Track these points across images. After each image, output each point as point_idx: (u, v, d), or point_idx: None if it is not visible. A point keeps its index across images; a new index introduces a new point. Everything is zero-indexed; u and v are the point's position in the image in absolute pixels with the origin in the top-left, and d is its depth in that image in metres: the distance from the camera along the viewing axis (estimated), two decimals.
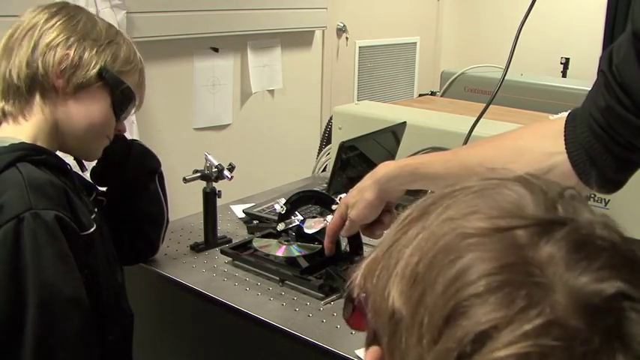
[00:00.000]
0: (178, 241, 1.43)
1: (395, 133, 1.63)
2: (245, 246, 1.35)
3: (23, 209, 0.89)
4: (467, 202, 0.45)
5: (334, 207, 1.20)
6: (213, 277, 1.27)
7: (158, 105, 2.32)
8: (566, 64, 3.17)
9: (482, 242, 0.41)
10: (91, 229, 1.00)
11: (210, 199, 1.37)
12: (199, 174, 1.35)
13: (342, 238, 1.21)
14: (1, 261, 0.87)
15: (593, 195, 1.38)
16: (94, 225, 1.02)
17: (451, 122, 1.71)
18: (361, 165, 1.54)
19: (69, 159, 1.10)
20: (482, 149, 0.97)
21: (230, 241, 1.41)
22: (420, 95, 3.21)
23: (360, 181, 1.07)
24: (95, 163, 1.22)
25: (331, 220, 1.14)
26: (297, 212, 1.28)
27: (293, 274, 1.22)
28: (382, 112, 1.83)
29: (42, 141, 1.02)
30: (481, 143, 0.99)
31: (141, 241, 1.27)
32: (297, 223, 1.26)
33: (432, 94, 2.95)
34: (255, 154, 2.72)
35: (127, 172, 1.23)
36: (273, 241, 1.30)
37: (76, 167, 1.14)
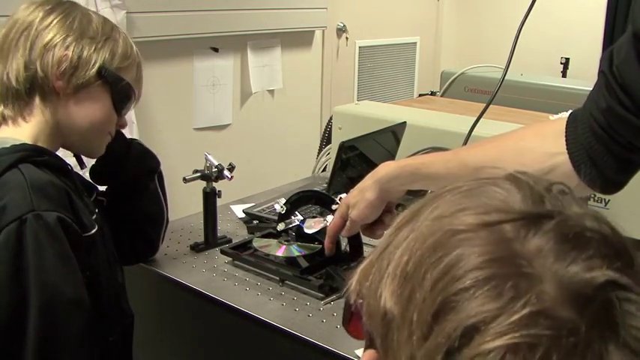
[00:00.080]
0: (178, 241, 1.43)
1: (395, 133, 1.63)
2: (245, 246, 1.35)
3: (25, 210, 0.88)
4: (455, 201, 0.45)
5: (334, 207, 1.20)
6: (213, 277, 1.27)
7: (158, 105, 2.32)
8: (566, 64, 3.17)
9: (470, 237, 0.41)
10: (93, 231, 1.00)
11: (210, 199, 1.37)
12: (199, 174, 1.35)
13: (342, 238, 1.21)
14: (3, 262, 0.87)
15: (593, 195, 1.38)
16: (96, 226, 1.01)
17: (451, 122, 1.71)
18: (361, 165, 1.54)
19: (69, 159, 1.10)
20: (483, 149, 0.96)
21: (230, 241, 1.41)
22: (420, 95, 3.21)
23: (360, 182, 1.07)
24: (94, 161, 1.22)
25: (332, 220, 1.14)
26: (297, 212, 1.28)
27: (293, 274, 1.22)
28: (382, 112, 1.83)
29: (43, 142, 1.02)
30: (482, 143, 0.99)
31: (141, 241, 1.27)
32: (297, 223, 1.26)
33: (432, 94, 2.95)
34: (255, 154, 2.72)
35: (127, 171, 1.23)
36: (273, 241, 1.30)
37: (75, 167, 1.14)
